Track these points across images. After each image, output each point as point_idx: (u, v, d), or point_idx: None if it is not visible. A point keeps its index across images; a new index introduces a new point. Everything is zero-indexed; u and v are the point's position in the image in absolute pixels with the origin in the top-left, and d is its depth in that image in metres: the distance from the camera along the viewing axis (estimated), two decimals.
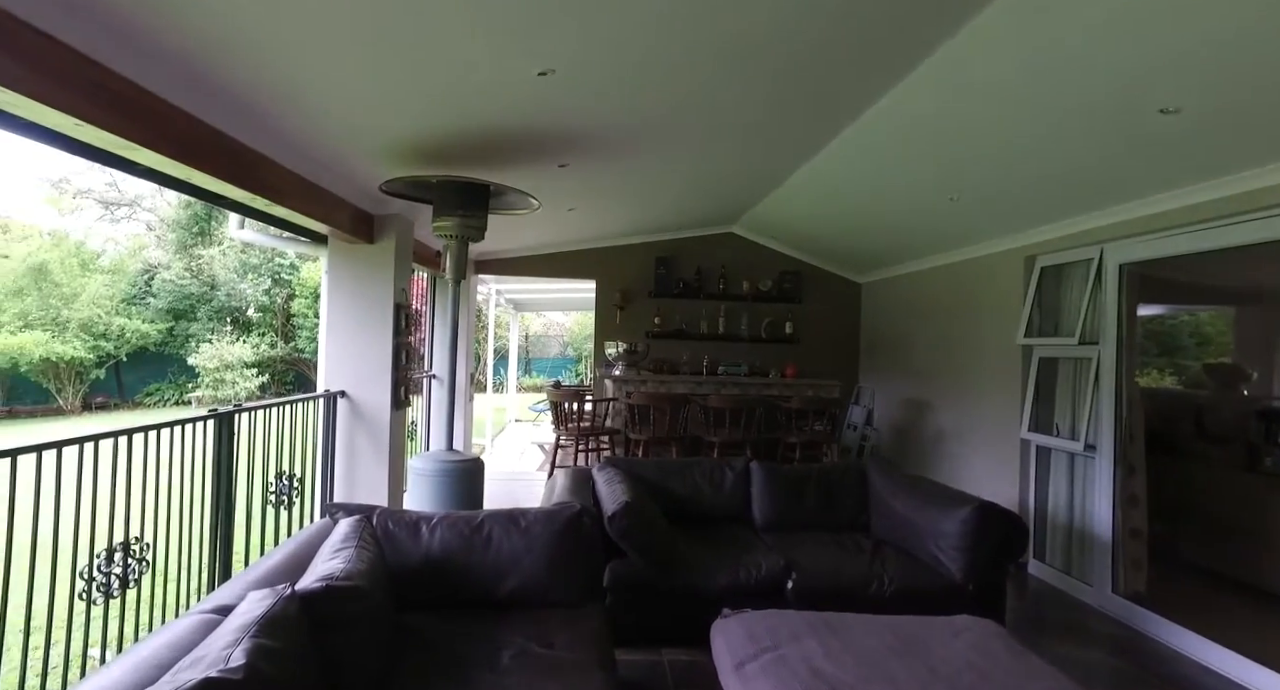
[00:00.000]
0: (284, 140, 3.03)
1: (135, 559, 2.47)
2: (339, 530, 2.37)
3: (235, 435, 3.16)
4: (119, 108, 2.10)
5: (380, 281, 4.42)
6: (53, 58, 1.86)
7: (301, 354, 21.02)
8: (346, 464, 4.36)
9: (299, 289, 20.84)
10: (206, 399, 18.72)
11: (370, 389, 4.40)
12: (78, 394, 20.29)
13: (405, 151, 3.43)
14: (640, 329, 7.32)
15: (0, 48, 1.71)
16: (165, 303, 21.27)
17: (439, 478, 3.44)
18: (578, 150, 3.87)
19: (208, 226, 21.99)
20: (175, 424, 2.71)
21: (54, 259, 19.58)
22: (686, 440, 5.63)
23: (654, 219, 6.73)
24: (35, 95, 1.81)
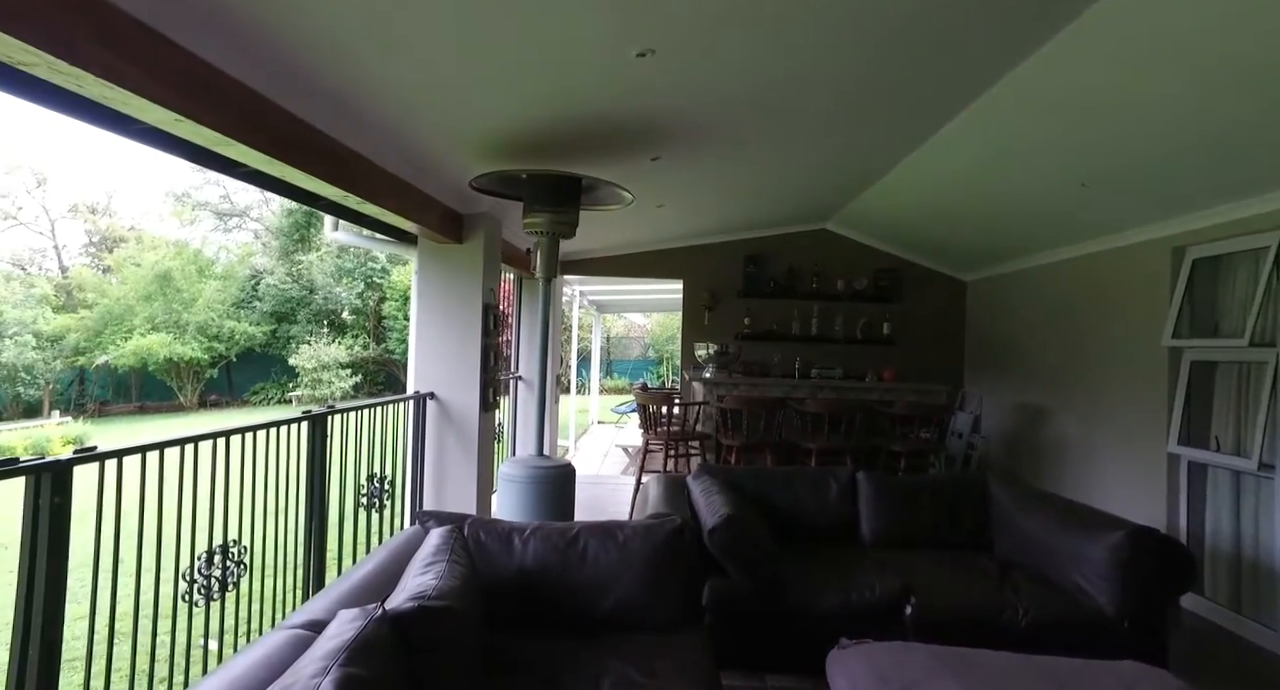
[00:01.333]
0: (376, 137, 2.97)
1: (234, 561, 2.43)
2: (430, 541, 2.25)
3: (328, 437, 3.12)
4: (217, 103, 2.05)
5: (469, 282, 4.36)
6: (155, 53, 1.81)
7: (392, 355, 21.80)
8: (436, 467, 4.32)
9: (389, 292, 21.63)
10: (305, 398, 19.67)
11: (459, 391, 4.34)
12: (195, 392, 21.79)
13: (496, 146, 3.32)
14: (729, 330, 7.06)
15: (108, 44, 1.67)
16: (269, 306, 22.54)
17: (529, 484, 3.31)
18: (670, 142, 3.67)
19: (307, 233, 23.14)
20: (270, 426, 2.68)
21: (176, 267, 21.07)
22: (781, 447, 5.34)
23: (744, 216, 6.46)
24: (140, 90, 1.76)
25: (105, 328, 20.37)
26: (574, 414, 10.77)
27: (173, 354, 19.77)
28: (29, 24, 1.50)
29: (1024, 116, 3.38)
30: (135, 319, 20.27)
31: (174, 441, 2.13)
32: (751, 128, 3.58)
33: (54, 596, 1.78)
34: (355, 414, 3.42)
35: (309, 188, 2.84)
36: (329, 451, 3.14)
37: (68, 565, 1.82)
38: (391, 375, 22.73)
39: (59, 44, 1.56)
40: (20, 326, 18.94)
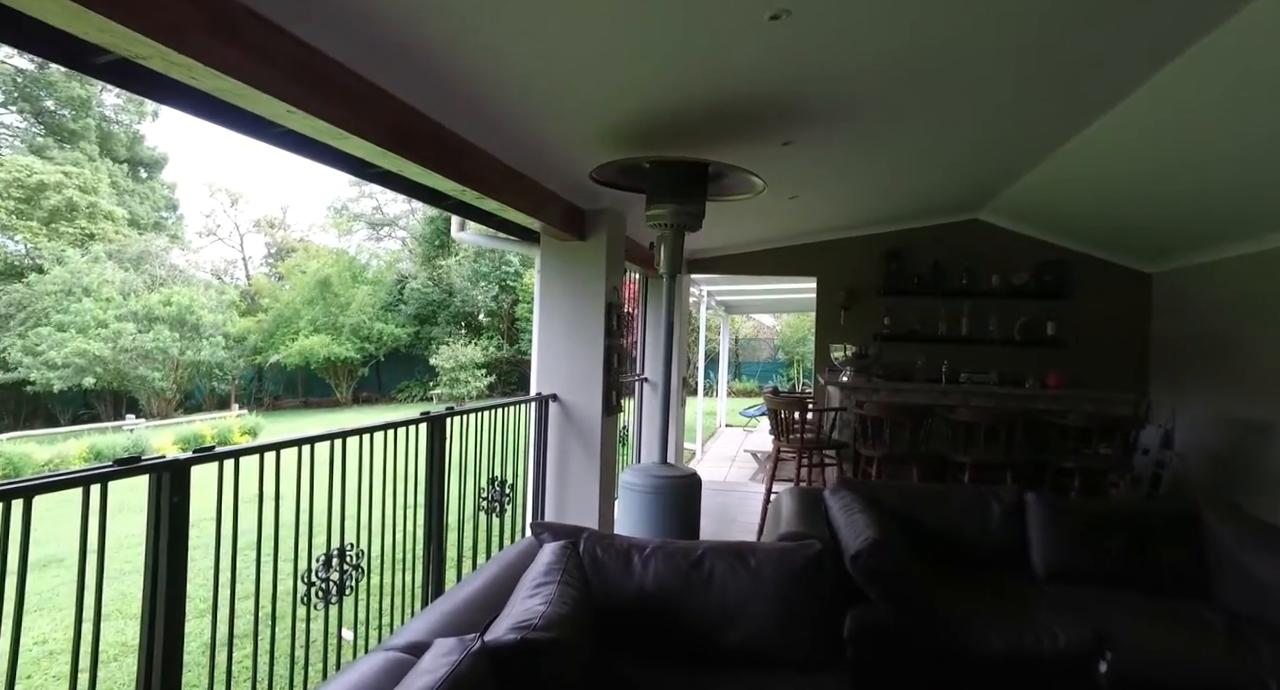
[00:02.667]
0: (493, 128, 2.86)
1: (351, 565, 2.39)
2: (543, 557, 2.07)
3: (447, 439, 3.06)
4: (327, 92, 1.98)
5: (592, 280, 4.22)
6: (265, 41, 1.76)
7: (524, 356, 22.55)
8: (558, 471, 4.21)
9: (522, 294, 22.40)
10: (444, 396, 20.79)
11: (582, 393, 4.21)
12: (349, 389, 23.68)
13: (615, 134, 3.13)
14: (867, 331, 6.52)
15: (218, 32, 1.62)
16: (413, 309, 24.05)
17: (652, 494, 3.10)
18: (805, 123, 3.33)
19: (446, 239, 24.46)
20: (388, 427, 2.63)
21: (334, 273, 22.98)
22: (928, 459, 4.80)
23: (885, 207, 5.93)
24: (250, 80, 1.70)
25: (277, 329, 22.57)
26: (701, 417, 10.52)
27: (331, 353, 21.56)
28: (142, 14, 1.46)
29: (1227, 79, 2.75)
30: (300, 321, 22.30)
31: (290, 442, 2.09)
32: (900, 102, 3.17)
33: (175, 593, 1.76)
34: (475, 415, 3.35)
35: (426, 182, 2.78)
36: (449, 453, 3.08)
37: (187, 563, 1.80)
38: (524, 376, 23.52)
39: (171, 34, 1.52)
40: (214, 329, 21.37)
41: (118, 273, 21.14)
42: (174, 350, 20.05)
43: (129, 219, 25.72)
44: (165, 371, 20.40)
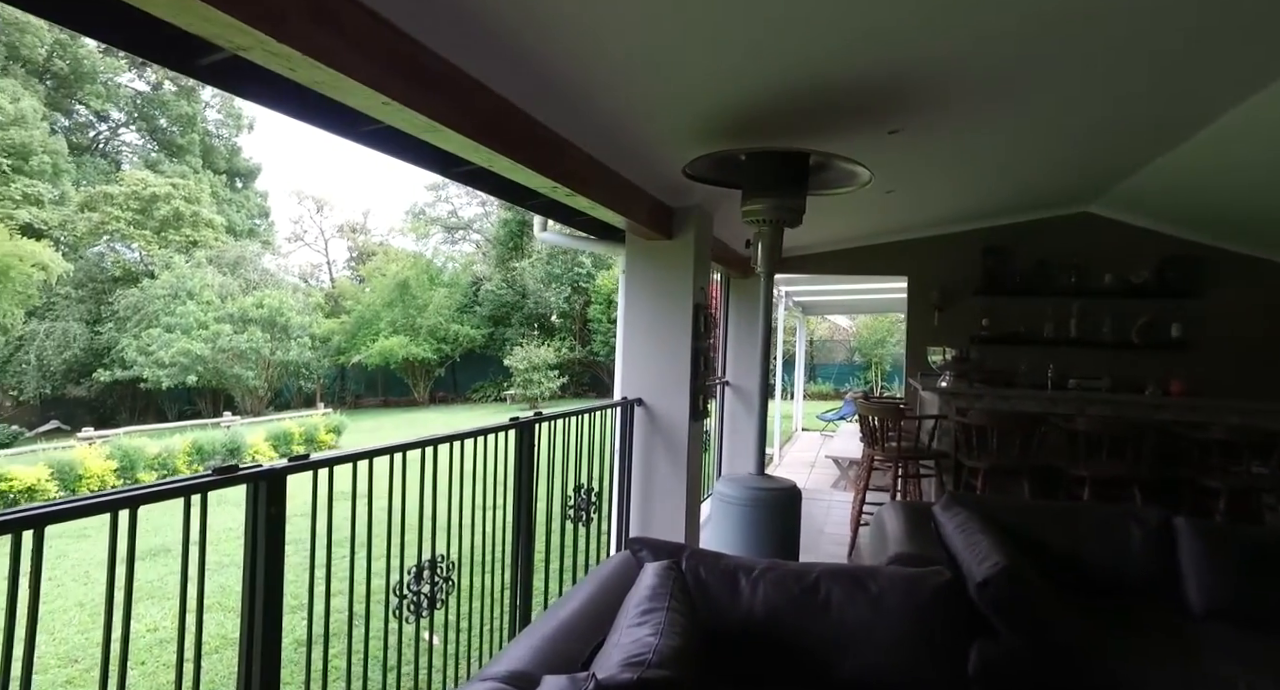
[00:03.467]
0: (585, 121, 2.73)
1: (442, 578, 2.30)
2: (646, 579, 1.92)
3: (536, 445, 2.96)
4: (425, 84, 1.89)
5: (679, 280, 4.06)
6: (361, 28, 1.67)
7: (596, 357, 22.66)
8: (643, 478, 4.07)
9: (594, 296, 22.50)
10: (517, 397, 21.08)
11: (668, 397, 4.05)
12: (426, 389, 24.36)
13: (711, 126, 2.95)
14: (962, 332, 6.11)
15: (317, 19, 1.54)
16: (487, 310, 24.52)
17: (749, 507, 2.90)
18: (914, 106, 3.06)
19: (520, 241, 24.85)
20: (477, 434, 2.53)
21: (412, 276, 23.69)
22: (1040, 472, 4.42)
23: (986, 200, 5.53)
24: (348, 70, 1.62)
25: (359, 331, 23.44)
26: (779, 420, 10.22)
27: (409, 354, 22.22)
28: (245, 1, 1.39)
29: None
30: (380, 323, 23.09)
31: (383, 450, 2.01)
32: (1022, 77, 2.86)
33: (272, 599, 1.70)
34: (563, 421, 3.24)
35: (519, 180, 2.68)
36: (536, 461, 2.97)
37: (283, 570, 1.73)
38: (595, 377, 23.65)
39: (270, 21, 1.44)
40: (301, 330, 22.39)
41: (216, 277, 22.41)
42: (265, 350, 21.09)
43: (227, 226, 27.28)
44: (258, 370, 21.49)
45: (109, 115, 30.05)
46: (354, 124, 2.62)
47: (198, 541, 1.52)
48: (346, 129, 2.63)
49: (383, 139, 2.80)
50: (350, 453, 1.90)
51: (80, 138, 28.87)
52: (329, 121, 2.53)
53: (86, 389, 22.08)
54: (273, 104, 2.25)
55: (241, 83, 2.12)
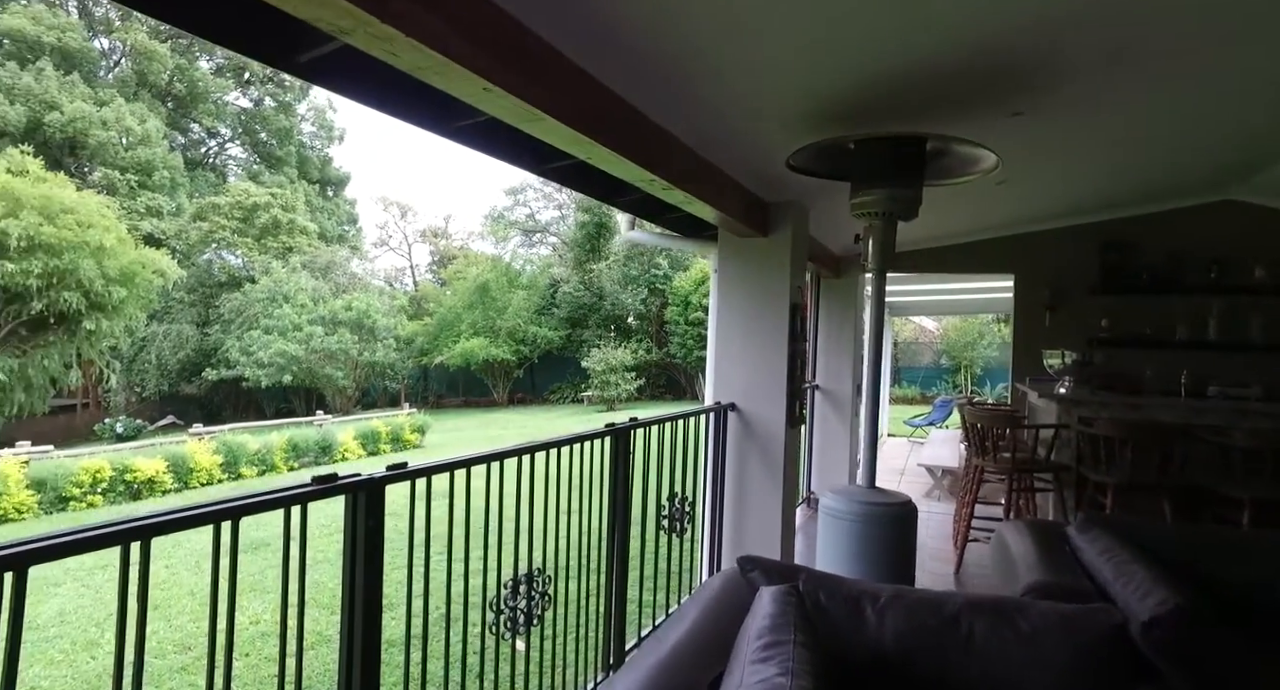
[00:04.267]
0: (683, 110, 2.57)
1: (538, 593, 2.19)
2: (763, 606, 1.74)
3: (631, 453, 2.82)
4: (528, 69, 1.77)
5: (774, 279, 3.85)
6: (470, 11, 1.57)
7: (673, 359, 22.51)
8: (736, 488, 3.88)
9: (671, 297, 22.36)
10: (594, 398, 21.17)
11: (762, 402, 3.85)
12: (505, 390, 24.83)
13: (819, 111, 2.74)
14: (1078, 334, 5.62)
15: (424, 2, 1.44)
16: (565, 312, 24.77)
17: (860, 524, 2.67)
18: (1041, 83, 2.74)
19: (597, 243, 24.99)
20: (574, 441, 2.42)
21: (492, 279, 24.20)
22: (1184, 492, 3.96)
23: (1108, 189, 5.05)
24: (451, 53, 1.52)
25: (441, 333, 24.13)
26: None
27: (489, 355, 22.69)
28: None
29: None
30: (461, 325, 23.69)
31: (480, 459, 1.91)
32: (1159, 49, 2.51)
33: (371, 611, 1.62)
34: (656, 427, 3.09)
35: (616, 173, 2.55)
36: (631, 469, 2.84)
37: (382, 580, 1.65)
38: (672, 379, 23.52)
39: (374, 1, 1.35)
40: (387, 332, 23.26)
41: (309, 281, 23.56)
42: (353, 351, 21.99)
43: (319, 233, 28.69)
44: (346, 370, 22.44)
45: (218, 131, 32.21)
46: (449, 119, 2.55)
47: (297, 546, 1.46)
48: (441, 124, 2.57)
49: (477, 134, 2.73)
50: (447, 461, 1.81)
51: (193, 153, 31.03)
52: (424, 116, 2.48)
53: (197, 387, 23.64)
54: (370, 99, 2.21)
55: (339, 78, 2.09)
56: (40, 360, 17.71)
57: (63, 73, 24.80)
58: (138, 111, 25.81)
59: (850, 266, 6.35)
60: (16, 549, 0.98)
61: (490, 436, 15.41)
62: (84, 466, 9.00)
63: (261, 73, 31.41)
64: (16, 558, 0.99)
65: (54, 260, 16.50)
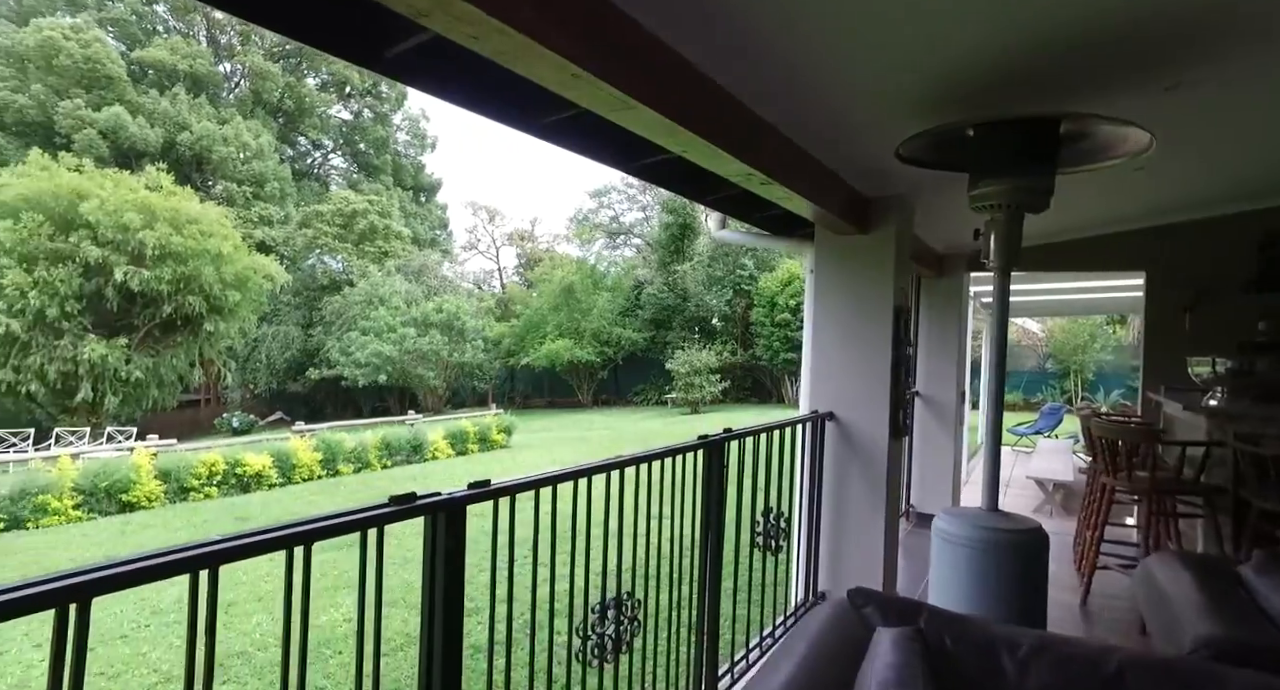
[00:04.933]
0: (783, 96, 2.36)
1: (627, 618, 2.04)
2: (884, 652, 1.52)
3: (725, 466, 2.64)
4: (619, 53, 1.63)
5: (877, 280, 3.57)
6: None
7: (758, 361, 22.07)
8: (834, 503, 3.62)
9: (756, 299, 21.92)
10: (678, 400, 21.00)
11: (863, 411, 3.58)
12: (590, 391, 25.04)
13: (935, 94, 2.46)
14: (1224, 338, 4.98)
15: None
16: (649, 314, 24.74)
17: (983, 553, 2.37)
18: (1204, 51, 2.37)
19: (681, 244, 24.83)
20: (666, 454, 2.26)
21: (577, 281, 24.47)
22: None
23: (1267, 172, 4.44)
24: (536, 35, 1.38)
25: (527, 334, 24.61)
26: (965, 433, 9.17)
27: (574, 357, 22.94)
28: None
29: None
30: (547, 327, 24.07)
31: (567, 475, 1.78)
32: None
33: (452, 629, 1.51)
34: (751, 438, 2.89)
35: (710, 167, 2.37)
36: (725, 483, 2.65)
37: (464, 601, 1.54)
38: (757, 382, 23.07)
39: None
40: (475, 333, 23.93)
41: (403, 284, 24.55)
42: (444, 352, 22.74)
43: (412, 237, 29.89)
44: (437, 371, 23.24)
45: (322, 143, 34.16)
46: (536, 114, 2.46)
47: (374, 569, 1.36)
48: (529, 121, 2.48)
49: (563, 130, 2.62)
50: (532, 479, 1.68)
51: (300, 164, 33.02)
52: (511, 113, 2.39)
53: (302, 385, 25.09)
54: (456, 96, 2.14)
55: (424, 75, 2.03)
56: (170, 359, 19.21)
57: (192, 96, 26.97)
58: (253, 128, 27.74)
59: (954, 265, 5.91)
60: (76, 579, 0.91)
61: (575, 438, 15.51)
62: (201, 460, 9.60)
63: (361, 85, 33.07)
64: (77, 589, 0.91)
65: (181, 267, 17.90)
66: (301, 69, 31.90)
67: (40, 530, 7.89)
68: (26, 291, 16.24)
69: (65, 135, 23.40)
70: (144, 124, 24.98)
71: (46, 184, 16.87)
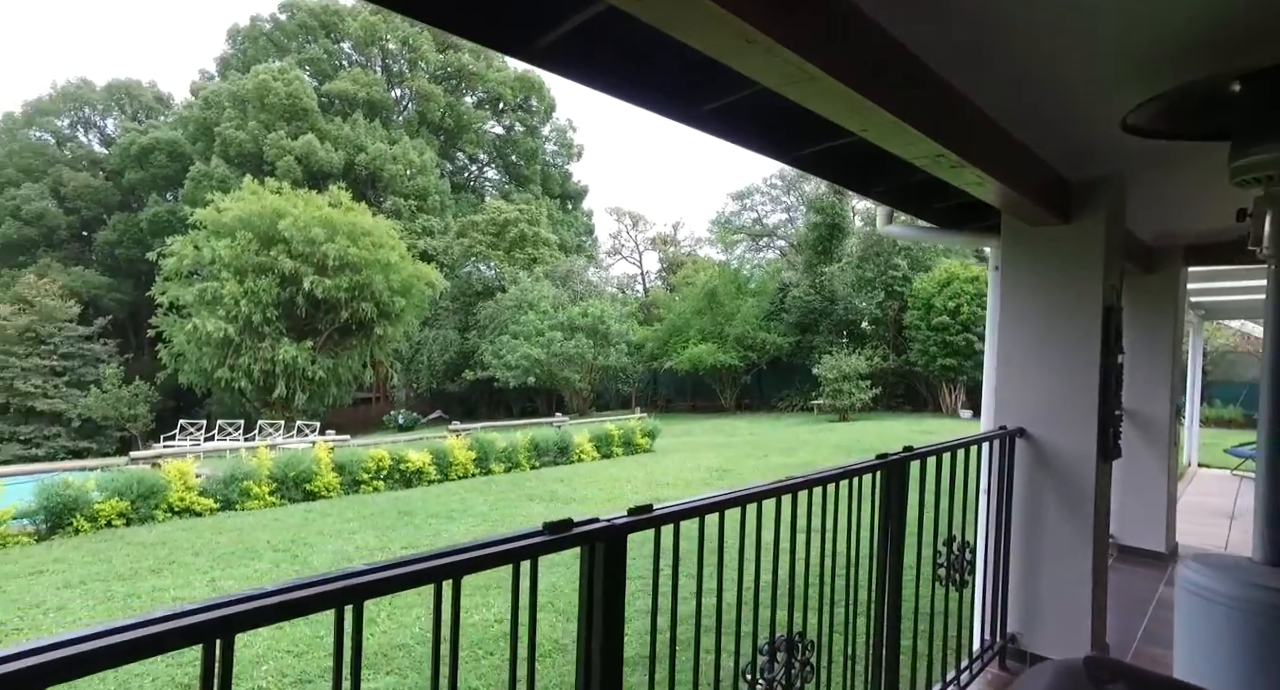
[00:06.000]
0: (986, 65, 2.01)
1: (799, 661, 1.79)
2: None
3: (906, 489, 2.31)
4: (798, 15, 1.39)
5: (1081, 275, 3.06)
6: None
7: (913, 367, 20.70)
8: (1024, 532, 3.14)
9: (911, 301, 20.58)
10: (825, 407, 20.13)
11: (1063, 428, 3.08)
12: (732, 395, 24.69)
13: (1187, 42, 1.99)
14: None
15: None
16: (794, 318, 23.99)
17: (1268, 622, 1.87)
18: None
19: (829, 245, 23.87)
20: (842, 476, 1.98)
21: (720, 285, 24.24)
22: None
23: None
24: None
25: (670, 338, 24.69)
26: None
27: (716, 361, 22.70)
28: None
29: None
30: (690, 331, 24.01)
31: (734, 500, 1.57)
32: None
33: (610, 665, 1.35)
34: (934, 457, 2.54)
35: (893, 149, 2.07)
36: (905, 509, 2.33)
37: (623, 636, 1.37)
38: (911, 388, 21.66)
39: None
40: (619, 337, 24.37)
41: (550, 289, 25.51)
42: (589, 355, 23.33)
43: (559, 243, 31.04)
44: (582, 374, 23.89)
45: (478, 157, 36.44)
46: (691, 102, 2.29)
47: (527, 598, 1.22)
48: (683, 109, 2.31)
49: (723, 118, 2.43)
50: (697, 503, 1.49)
51: (458, 178, 35.42)
52: (664, 101, 2.23)
53: (458, 385, 26.81)
54: (606, 83, 2.03)
55: (577, 63, 1.93)
56: (346, 360, 21.21)
57: (368, 120, 29.80)
58: (418, 146, 30.17)
59: (1167, 258, 5.07)
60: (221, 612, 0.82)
61: (719, 443, 15.26)
62: (370, 455, 10.37)
63: (513, 100, 34.89)
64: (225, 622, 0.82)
65: (356, 276, 19.71)
66: (460, 89, 34.18)
67: (244, 512, 8.85)
68: (239, 300, 18.56)
69: (270, 163, 26.62)
70: (329, 148, 27.90)
71: (255, 206, 19.22)
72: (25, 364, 22.67)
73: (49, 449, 22.35)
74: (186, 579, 5.88)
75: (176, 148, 30.25)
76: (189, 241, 19.56)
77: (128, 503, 8.08)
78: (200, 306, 18.90)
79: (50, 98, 33.66)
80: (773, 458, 12.43)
